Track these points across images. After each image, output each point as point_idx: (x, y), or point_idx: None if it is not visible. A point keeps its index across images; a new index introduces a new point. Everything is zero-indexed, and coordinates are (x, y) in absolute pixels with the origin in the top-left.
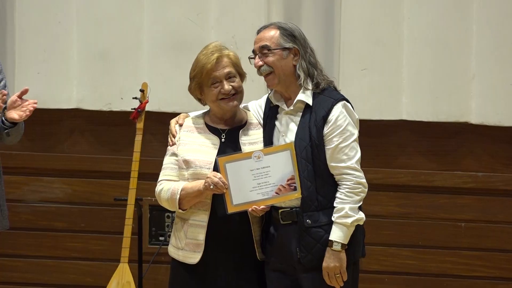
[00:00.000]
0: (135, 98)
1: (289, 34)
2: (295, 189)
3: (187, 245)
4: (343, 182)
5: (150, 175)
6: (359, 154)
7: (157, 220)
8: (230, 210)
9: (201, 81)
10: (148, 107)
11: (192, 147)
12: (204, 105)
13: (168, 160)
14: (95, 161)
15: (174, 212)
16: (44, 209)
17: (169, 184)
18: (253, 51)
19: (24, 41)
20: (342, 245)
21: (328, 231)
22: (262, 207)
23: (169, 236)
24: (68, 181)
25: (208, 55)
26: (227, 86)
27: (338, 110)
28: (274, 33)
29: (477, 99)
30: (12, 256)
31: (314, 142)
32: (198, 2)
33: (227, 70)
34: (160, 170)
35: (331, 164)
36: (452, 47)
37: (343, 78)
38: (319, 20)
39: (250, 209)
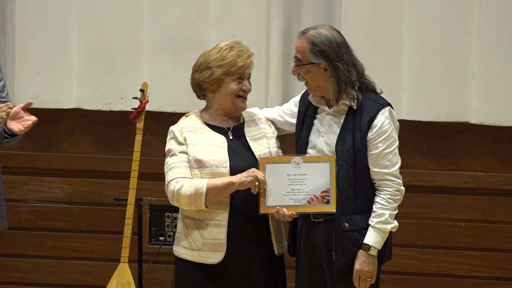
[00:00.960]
0: (135, 98)
1: (318, 50)
2: (327, 202)
3: (204, 245)
4: (384, 188)
5: (150, 175)
6: (400, 161)
7: (157, 220)
8: (262, 211)
9: (229, 72)
10: (148, 107)
11: (200, 147)
12: (201, 98)
13: (176, 159)
14: (95, 161)
15: (173, 212)
16: (44, 209)
17: (190, 181)
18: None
19: (24, 41)
20: (378, 250)
21: (364, 235)
22: (291, 212)
23: (169, 236)
24: (68, 181)
25: (238, 51)
26: (249, 85)
27: (383, 116)
28: (304, 46)
29: (477, 99)
30: (12, 256)
31: (358, 146)
32: (198, 2)
33: (249, 70)
34: (160, 170)
35: (374, 169)
36: (452, 47)
37: None
38: (319, 20)
39: (279, 211)
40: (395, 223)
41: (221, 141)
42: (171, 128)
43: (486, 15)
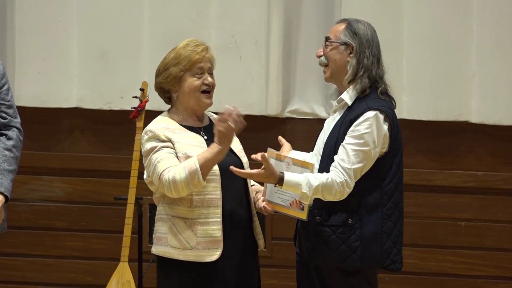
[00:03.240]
0: (135, 97)
1: (353, 31)
2: (302, 208)
3: (199, 244)
4: (333, 173)
5: None
6: (360, 165)
7: None
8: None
9: (186, 68)
10: (148, 106)
11: (185, 146)
12: (168, 102)
13: (163, 152)
14: (95, 160)
15: None
16: (44, 208)
17: (179, 165)
18: None
19: (24, 40)
20: (281, 182)
21: (335, 232)
22: (269, 210)
23: None
24: (68, 180)
25: (192, 46)
26: (210, 78)
27: (365, 117)
28: (341, 27)
29: (477, 98)
30: (12, 255)
31: (338, 143)
32: (199, 1)
33: (209, 64)
34: None
35: (334, 157)
36: (452, 46)
37: None
38: (319, 20)
39: (263, 205)
40: (308, 192)
41: (199, 140)
42: (149, 128)
43: (486, 14)
